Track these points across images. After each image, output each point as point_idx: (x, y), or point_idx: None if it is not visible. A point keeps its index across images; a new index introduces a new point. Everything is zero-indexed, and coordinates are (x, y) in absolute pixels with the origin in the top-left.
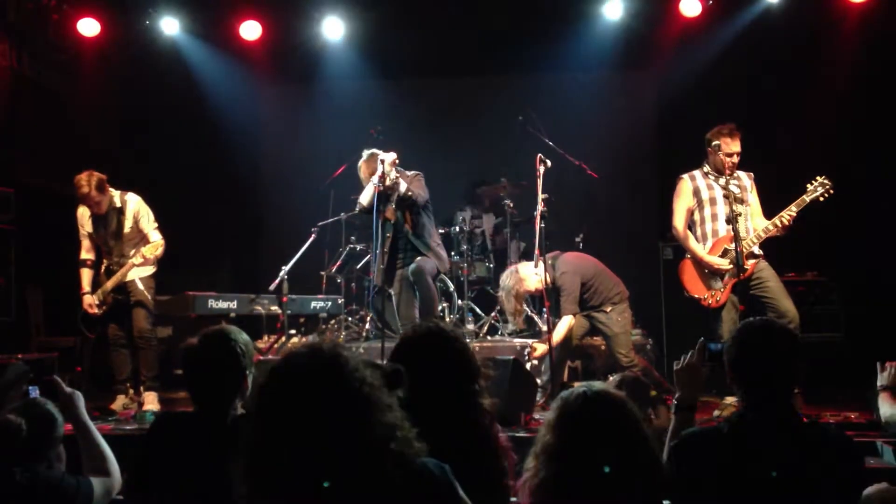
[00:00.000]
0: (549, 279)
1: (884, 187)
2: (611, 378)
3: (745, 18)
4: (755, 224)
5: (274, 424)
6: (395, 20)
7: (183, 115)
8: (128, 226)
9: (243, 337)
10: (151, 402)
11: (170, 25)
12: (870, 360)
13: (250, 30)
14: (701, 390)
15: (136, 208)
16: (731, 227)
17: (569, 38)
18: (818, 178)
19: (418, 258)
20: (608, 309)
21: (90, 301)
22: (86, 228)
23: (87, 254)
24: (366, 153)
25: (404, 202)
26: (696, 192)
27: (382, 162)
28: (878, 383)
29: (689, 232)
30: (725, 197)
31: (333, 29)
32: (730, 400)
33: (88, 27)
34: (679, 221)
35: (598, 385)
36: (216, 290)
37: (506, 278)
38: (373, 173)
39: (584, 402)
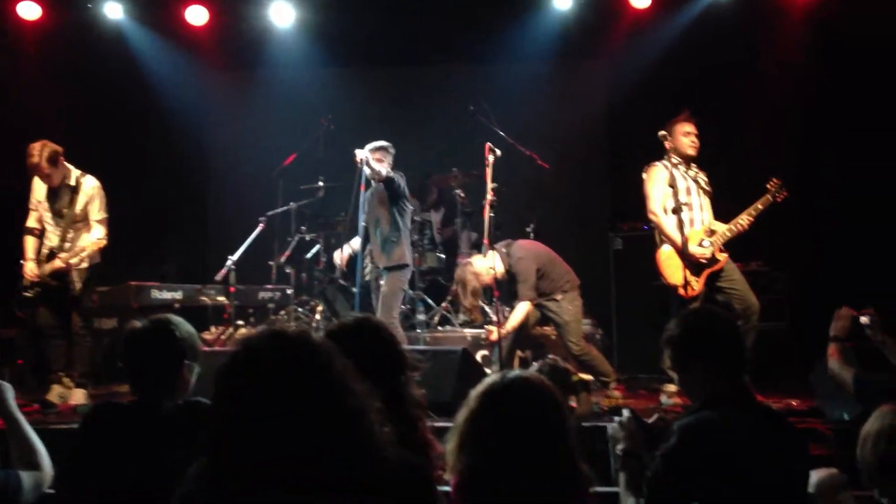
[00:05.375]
0: (503, 267)
1: (828, 177)
2: (533, 365)
3: (695, 10)
4: (711, 217)
5: (236, 410)
6: (345, 7)
7: (127, 102)
8: (78, 207)
9: (186, 328)
10: (80, 398)
11: (113, 10)
12: (813, 348)
13: (196, 15)
14: (638, 442)
15: (91, 192)
16: (679, 216)
17: (519, 28)
18: (773, 181)
19: (385, 259)
20: (559, 297)
21: (32, 269)
22: (36, 196)
23: (34, 223)
24: (373, 145)
25: (382, 200)
26: (672, 180)
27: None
28: (830, 333)
29: (667, 218)
30: (687, 191)
31: (282, 15)
32: (672, 388)
33: (29, 11)
34: (656, 206)
35: (516, 372)
36: (164, 280)
37: (461, 275)
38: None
39: (503, 389)
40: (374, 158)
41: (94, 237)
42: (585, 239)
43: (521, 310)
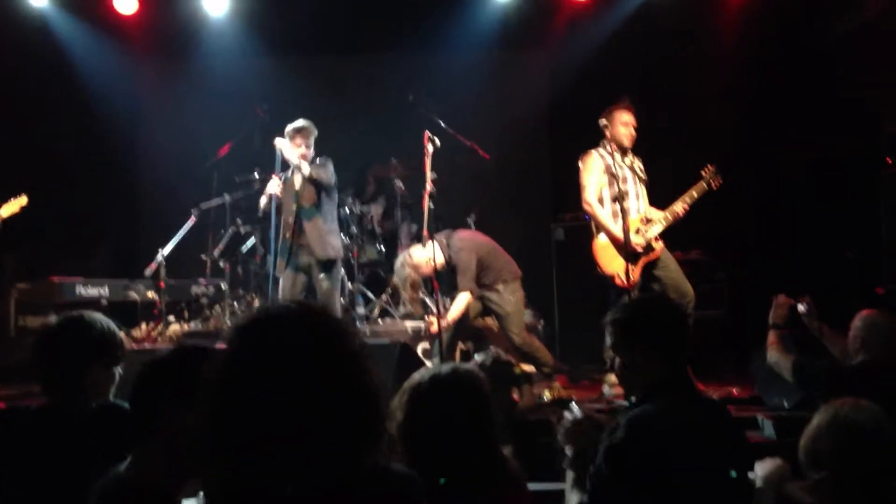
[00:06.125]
0: (444, 257)
1: (766, 166)
2: (476, 357)
3: (634, 1)
4: (647, 206)
5: (251, 387)
6: None
7: (54, 93)
8: None
9: (103, 327)
10: None
11: None
12: (752, 336)
13: (125, 3)
14: (591, 441)
15: None
16: (618, 205)
17: (460, 18)
18: (708, 167)
19: (329, 250)
20: (500, 288)
21: None
22: None
23: None
24: (291, 127)
25: (313, 185)
26: (608, 169)
27: (280, 150)
28: (769, 321)
29: (602, 208)
30: (623, 179)
31: (216, 3)
32: (614, 378)
33: None
34: (591, 195)
35: (447, 366)
36: (94, 276)
37: (400, 267)
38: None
39: (427, 385)
40: (294, 144)
41: None
42: (527, 229)
43: (462, 301)
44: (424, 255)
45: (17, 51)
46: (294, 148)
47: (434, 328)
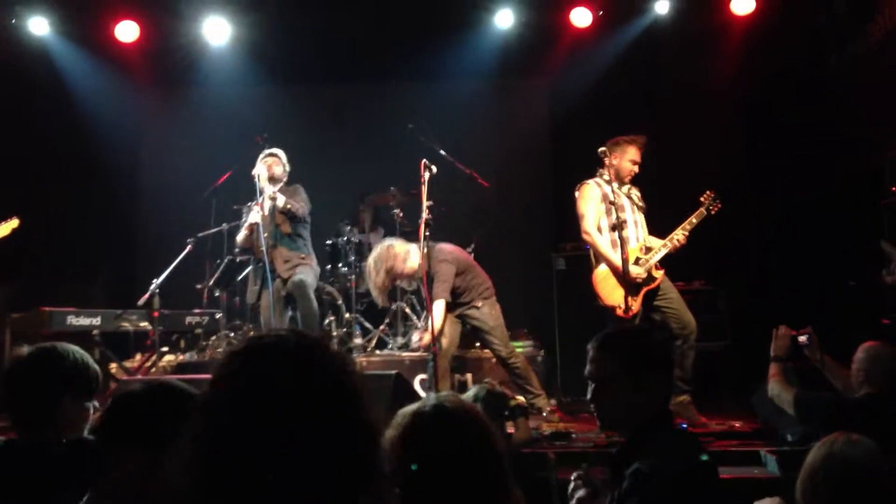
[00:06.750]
0: (424, 265)
1: (768, 196)
2: (470, 390)
3: (635, 30)
4: (646, 234)
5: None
6: (281, 24)
7: (54, 120)
8: None
9: (76, 359)
10: None
11: (38, 25)
12: (755, 367)
13: (126, 31)
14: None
15: None
16: (617, 234)
17: (460, 46)
18: (707, 193)
19: (299, 269)
20: (479, 304)
21: None
22: None
23: None
24: (271, 149)
25: (285, 215)
26: (606, 198)
27: (259, 177)
28: (771, 353)
29: (602, 237)
30: (621, 208)
31: (217, 32)
32: None
33: None
34: (590, 225)
35: (440, 396)
36: (90, 305)
37: (379, 251)
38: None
39: (423, 417)
40: (275, 165)
41: None
42: (528, 259)
43: (440, 308)
44: (405, 248)
45: (17, 78)
46: (266, 171)
47: (425, 342)
